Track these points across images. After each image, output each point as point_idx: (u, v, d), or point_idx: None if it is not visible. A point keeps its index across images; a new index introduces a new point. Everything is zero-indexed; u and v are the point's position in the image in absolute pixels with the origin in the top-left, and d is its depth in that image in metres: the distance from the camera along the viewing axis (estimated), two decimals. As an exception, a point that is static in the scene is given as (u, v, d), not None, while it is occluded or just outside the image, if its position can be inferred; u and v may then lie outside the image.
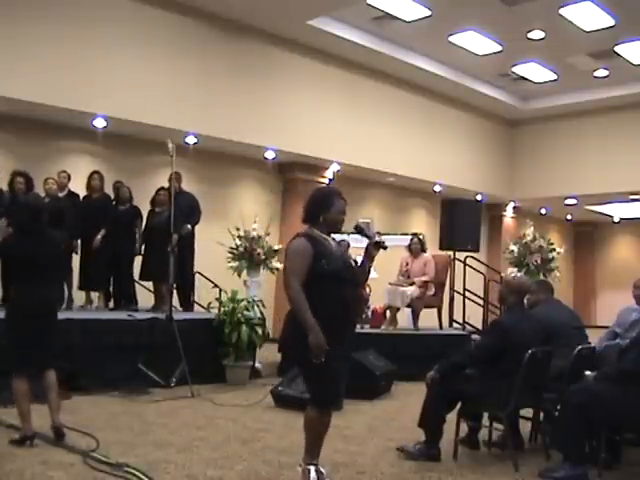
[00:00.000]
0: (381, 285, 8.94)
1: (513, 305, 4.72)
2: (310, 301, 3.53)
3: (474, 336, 8.88)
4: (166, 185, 8.24)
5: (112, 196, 8.57)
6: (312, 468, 3.71)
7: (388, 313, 8.88)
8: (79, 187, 8.40)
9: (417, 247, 8.84)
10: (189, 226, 8.45)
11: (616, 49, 11.85)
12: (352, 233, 3.99)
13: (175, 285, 8.60)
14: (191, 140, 10.28)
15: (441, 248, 10.03)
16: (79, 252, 8.24)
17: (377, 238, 3.66)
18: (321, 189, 4.02)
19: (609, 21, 10.65)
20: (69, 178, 8.25)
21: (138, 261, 8.58)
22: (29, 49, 8.33)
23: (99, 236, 8.05)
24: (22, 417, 4.54)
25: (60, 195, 8.02)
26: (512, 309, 4.74)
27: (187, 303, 8.72)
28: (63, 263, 4.94)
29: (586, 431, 4.08)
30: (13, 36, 8.23)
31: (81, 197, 8.35)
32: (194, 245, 8.66)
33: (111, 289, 8.50)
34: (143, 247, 8.49)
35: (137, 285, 8.66)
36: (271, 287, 10.96)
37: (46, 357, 4.67)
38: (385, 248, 3.69)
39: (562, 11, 10.40)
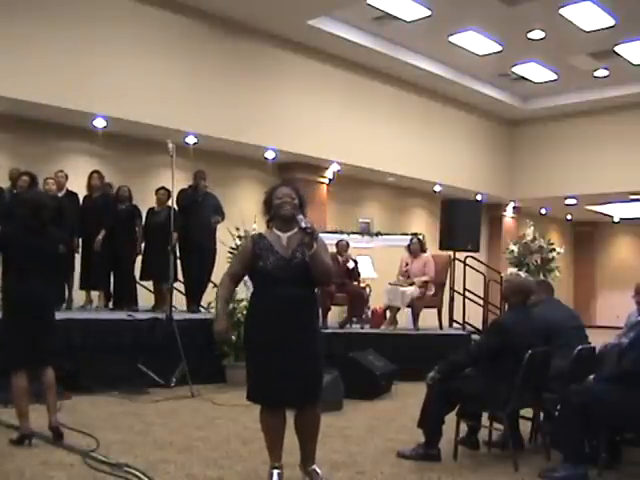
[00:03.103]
0: (381, 285, 8.94)
1: (516, 305, 4.72)
2: (252, 298, 3.76)
3: (474, 336, 8.88)
4: (167, 185, 8.17)
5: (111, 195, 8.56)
6: (275, 472, 3.70)
7: (388, 313, 8.88)
8: (80, 187, 8.39)
9: (417, 247, 8.83)
10: (219, 217, 8.44)
11: (616, 49, 11.87)
12: (352, 233, 3.96)
13: (189, 284, 8.59)
14: (191, 140, 10.28)
15: (441, 248, 10.02)
16: (80, 251, 8.24)
17: (302, 224, 3.59)
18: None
19: (609, 21, 10.66)
20: (67, 178, 8.23)
21: (138, 260, 8.57)
22: (29, 49, 8.33)
23: (100, 237, 8.04)
24: (20, 416, 4.53)
25: (59, 195, 8.01)
26: (514, 309, 4.74)
27: (197, 304, 8.64)
28: (60, 262, 4.92)
29: (586, 431, 4.08)
30: (13, 36, 8.23)
31: (81, 197, 8.32)
32: (216, 247, 8.50)
33: (111, 289, 8.49)
34: (143, 247, 8.49)
35: (137, 285, 8.63)
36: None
37: (42, 355, 4.63)
38: (309, 233, 3.57)
39: (562, 11, 10.41)
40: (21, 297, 4.56)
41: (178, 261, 8.39)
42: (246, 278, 3.83)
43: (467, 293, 10.23)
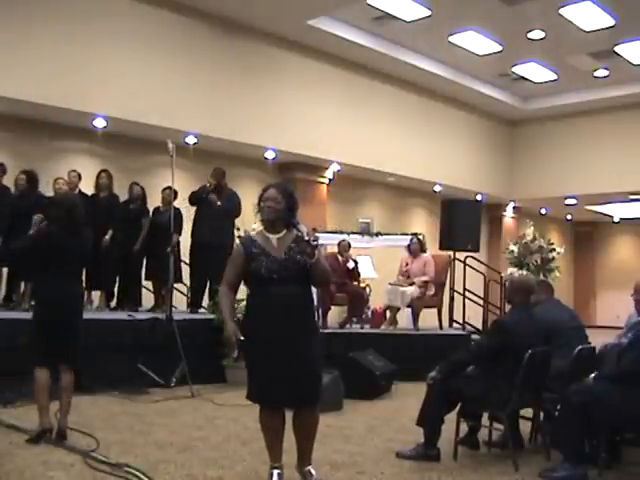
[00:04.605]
0: (381, 285, 8.95)
1: (518, 304, 4.71)
2: (248, 300, 3.79)
3: (474, 336, 8.88)
4: (169, 184, 8.11)
5: (123, 195, 8.49)
6: (275, 472, 3.71)
7: (388, 313, 8.88)
8: (80, 187, 8.38)
9: (416, 247, 8.83)
10: (231, 215, 8.35)
11: (616, 49, 11.87)
12: (352, 233, 3.95)
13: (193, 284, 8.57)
14: (191, 140, 10.28)
15: (441, 248, 10.02)
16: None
17: (306, 236, 3.62)
18: None
19: (609, 21, 10.66)
20: (80, 178, 8.14)
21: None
22: (29, 49, 8.31)
23: (107, 237, 7.97)
24: (40, 411, 4.54)
25: None
26: (516, 308, 4.73)
27: (198, 305, 8.57)
28: (89, 260, 4.99)
29: (586, 431, 4.08)
30: (13, 36, 8.22)
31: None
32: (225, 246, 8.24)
33: (116, 289, 8.44)
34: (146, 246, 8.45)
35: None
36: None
37: (67, 357, 4.64)
38: (313, 246, 3.59)
39: (562, 11, 10.40)
40: (55, 297, 4.57)
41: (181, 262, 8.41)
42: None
43: (467, 293, 10.22)
